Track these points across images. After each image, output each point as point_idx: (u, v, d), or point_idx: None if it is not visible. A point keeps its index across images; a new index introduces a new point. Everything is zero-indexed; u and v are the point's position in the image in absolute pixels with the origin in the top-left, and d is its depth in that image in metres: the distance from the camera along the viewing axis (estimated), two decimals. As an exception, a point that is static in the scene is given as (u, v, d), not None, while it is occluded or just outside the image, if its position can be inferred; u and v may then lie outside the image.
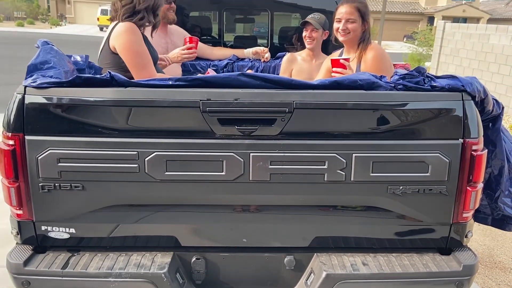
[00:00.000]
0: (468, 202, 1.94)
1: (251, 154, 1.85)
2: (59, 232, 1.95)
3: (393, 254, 2.04)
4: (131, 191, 1.90)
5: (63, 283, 1.89)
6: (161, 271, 1.89)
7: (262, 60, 3.84)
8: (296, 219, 2.01)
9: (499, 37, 9.31)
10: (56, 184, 1.86)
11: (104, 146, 1.83)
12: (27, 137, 1.81)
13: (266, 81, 1.90)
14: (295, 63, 3.44)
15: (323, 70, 2.90)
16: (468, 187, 1.92)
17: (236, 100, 1.82)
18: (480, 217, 2.27)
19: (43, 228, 1.94)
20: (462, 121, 1.87)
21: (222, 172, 1.87)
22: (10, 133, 1.81)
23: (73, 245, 1.99)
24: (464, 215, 1.98)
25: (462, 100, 1.87)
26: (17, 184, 1.86)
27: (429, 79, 1.93)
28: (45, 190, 1.86)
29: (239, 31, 5.80)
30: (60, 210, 1.91)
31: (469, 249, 2.07)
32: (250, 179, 1.87)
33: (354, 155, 1.87)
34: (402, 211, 1.96)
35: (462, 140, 1.88)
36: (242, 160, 1.85)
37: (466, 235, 2.03)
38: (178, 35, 3.50)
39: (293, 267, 2.03)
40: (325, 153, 1.87)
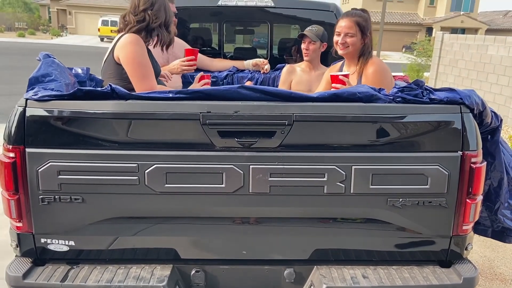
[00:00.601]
0: (468, 215, 1.95)
1: (251, 166, 1.86)
2: (59, 245, 1.95)
3: (393, 267, 2.03)
4: (131, 203, 1.90)
5: (62, 296, 1.88)
6: (161, 284, 1.88)
7: (261, 72, 3.87)
8: (296, 232, 2.01)
9: (497, 48, 9.37)
10: (56, 197, 1.86)
11: (105, 159, 1.84)
12: (27, 150, 1.82)
13: (266, 93, 1.92)
14: (295, 74, 3.47)
15: (323, 82, 2.92)
16: (467, 200, 1.93)
17: (236, 112, 1.83)
18: (480, 229, 2.27)
19: (43, 240, 1.94)
20: (461, 133, 1.88)
21: (222, 184, 1.87)
22: (11, 146, 1.82)
23: (73, 258, 1.99)
24: (464, 228, 1.98)
25: (461, 112, 1.88)
26: (17, 196, 1.86)
27: (428, 91, 1.95)
28: (45, 203, 1.87)
29: (239, 43, 5.84)
30: (59, 222, 1.91)
31: (469, 261, 2.07)
32: (250, 191, 1.88)
33: (353, 167, 1.87)
34: (402, 223, 1.96)
35: (461, 152, 1.89)
36: (242, 172, 1.86)
37: (466, 247, 2.03)
38: (178, 47, 3.52)
39: (293, 280, 2.03)
40: (325, 165, 1.87)
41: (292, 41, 4.27)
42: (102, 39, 35.47)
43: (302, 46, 3.35)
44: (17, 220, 1.90)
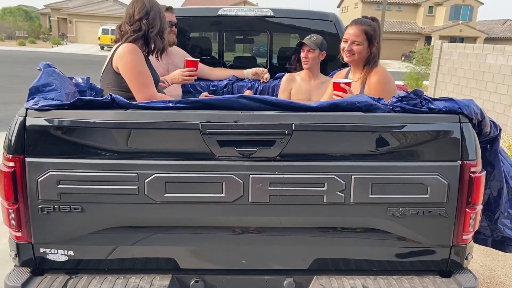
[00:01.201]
0: (468, 224, 1.94)
1: (251, 176, 1.86)
2: (58, 255, 1.94)
3: (394, 277, 2.02)
4: (130, 213, 1.89)
5: (61, 306, 1.87)
6: (160, 294, 1.87)
7: (261, 81, 3.89)
8: (295, 241, 2.00)
9: (496, 57, 9.42)
10: (56, 206, 1.86)
11: (104, 168, 1.84)
12: (27, 159, 1.82)
13: (265, 103, 1.92)
14: (294, 83, 3.48)
15: (329, 90, 2.91)
16: (467, 209, 1.92)
17: (235, 122, 1.84)
18: (480, 238, 2.27)
19: (42, 250, 1.93)
20: (460, 143, 1.88)
21: (222, 193, 1.87)
22: (11, 155, 1.82)
23: (72, 268, 1.98)
24: (464, 237, 1.97)
25: (460, 122, 1.89)
26: (17, 206, 1.86)
27: (427, 101, 1.95)
28: (45, 212, 1.86)
29: (239, 52, 5.87)
30: (59, 232, 1.90)
31: (470, 271, 2.06)
32: (250, 200, 1.88)
33: (353, 176, 1.87)
34: (402, 233, 1.96)
35: (460, 162, 1.89)
36: (241, 181, 1.86)
37: (466, 257, 2.03)
38: (178, 56, 3.55)
39: (292, 290, 2.02)
40: (325, 175, 1.87)
41: (292, 50, 4.30)
42: (102, 48, 35.68)
43: (301, 54, 3.38)
44: (16, 230, 1.89)
